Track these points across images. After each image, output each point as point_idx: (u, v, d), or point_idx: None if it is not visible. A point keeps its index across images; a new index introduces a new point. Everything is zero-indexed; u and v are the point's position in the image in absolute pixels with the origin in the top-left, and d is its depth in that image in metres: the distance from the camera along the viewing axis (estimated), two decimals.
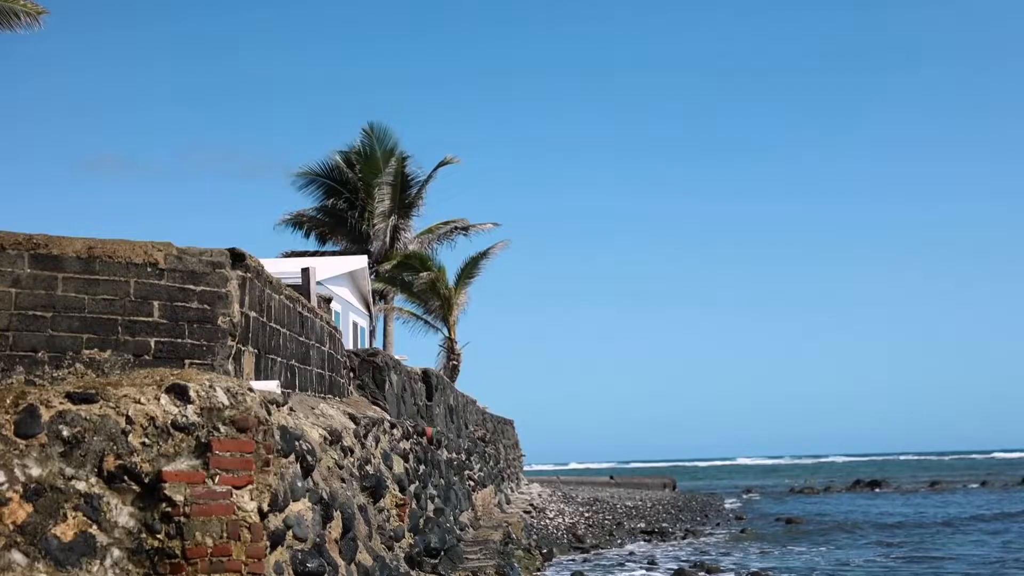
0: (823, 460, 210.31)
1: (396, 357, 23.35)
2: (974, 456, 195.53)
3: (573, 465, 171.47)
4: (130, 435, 7.96)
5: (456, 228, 46.90)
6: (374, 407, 17.79)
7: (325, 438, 11.89)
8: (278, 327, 12.15)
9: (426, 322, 44.96)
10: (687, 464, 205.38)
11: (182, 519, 7.82)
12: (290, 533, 9.06)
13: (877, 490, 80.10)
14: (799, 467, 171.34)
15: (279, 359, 12.18)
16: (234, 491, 8.03)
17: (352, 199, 44.19)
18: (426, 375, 24.93)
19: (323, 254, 42.60)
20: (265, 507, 8.32)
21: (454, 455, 25.88)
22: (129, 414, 8.02)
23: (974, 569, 27.72)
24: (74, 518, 7.65)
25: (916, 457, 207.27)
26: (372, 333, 38.51)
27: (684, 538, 40.50)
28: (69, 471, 7.75)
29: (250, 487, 8.14)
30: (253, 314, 10.90)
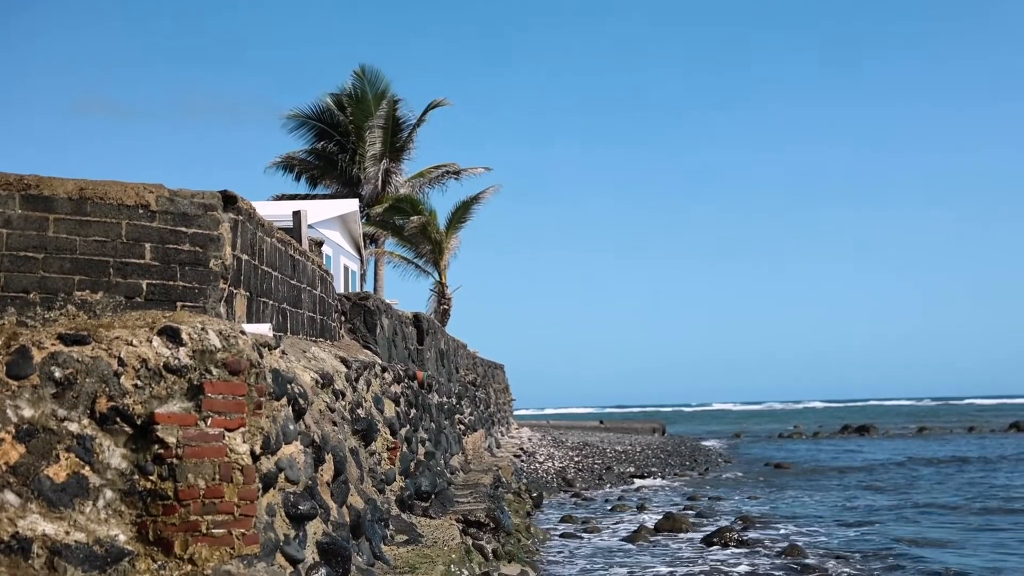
0: (807, 406, 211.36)
1: (387, 301, 23.33)
2: (953, 403, 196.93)
3: (549, 410, 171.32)
4: (122, 377, 7.95)
5: (447, 172, 46.76)
6: (365, 351, 17.80)
7: (317, 381, 11.90)
8: (270, 270, 12.13)
9: (417, 266, 44.95)
10: (665, 409, 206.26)
11: (174, 461, 7.83)
12: (282, 476, 9.08)
13: (865, 435, 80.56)
14: (784, 412, 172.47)
15: (271, 302, 12.17)
16: (226, 433, 8.04)
17: (343, 142, 44.01)
18: (417, 319, 24.94)
19: (314, 197, 42.47)
20: (257, 449, 8.33)
21: (445, 399, 25.95)
22: (121, 356, 8.01)
23: (970, 514, 27.92)
24: (67, 459, 7.66)
25: (894, 403, 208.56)
26: (363, 277, 38.51)
27: (674, 482, 40.78)
28: (61, 412, 7.75)
29: (242, 429, 8.15)
30: (245, 257, 10.87)
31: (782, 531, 24.64)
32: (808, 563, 19.46)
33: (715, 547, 21.94)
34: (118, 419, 7.86)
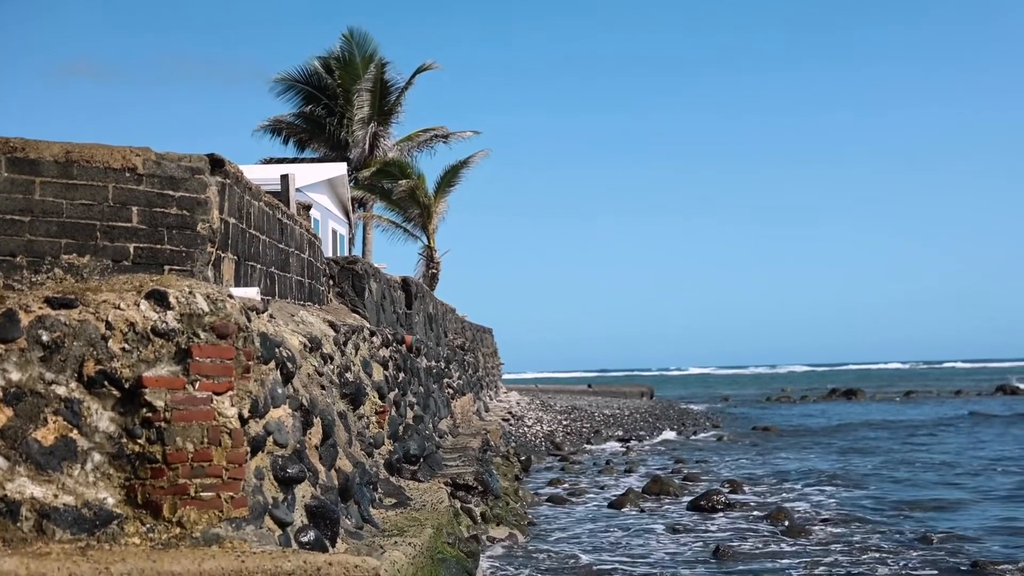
0: (791, 370, 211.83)
1: (375, 265, 23.31)
2: (935, 366, 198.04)
3: (530, 374, 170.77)
4: (110, 341, 7.94)
5: (436, 136, 46.55)
6: (354, 315, 17.79)
7: (305, 345, 11.90)
8: (257, 234, 12.10)
9: (405, 230, 44.82)
10: (647, 373, 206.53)
11: (163, 424, 7.84)
12: (270, 439, 9.09)
13: (853, 399, 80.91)
14: (770, 376, 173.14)
15: (258, 266, 12.14)
16: (214, 397, 8.04)
17: (331, 105, 43.78)
18: (405, 283, 24.92)
19: (302, 161, 42.29)
20: (245, 413, 8.34)
21: (433, 363, 25.98)
22: (109, 319, 7.99)
23: (961, 476, 28.08)
24: (54, 422, 7.66)
25: (877, 367, 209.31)
26: (351, 241, 38.43)
27: (661, 445, 40.95)
28: (49, 376, 7.74)
29: (230, 393, 8.15)
30: (232, 220, 10.84)
31: (769, 494, 24.77)
32: (795, 526, 19.58)
33: (702, 511, 22.06)
34: (106, 382, 7.86)
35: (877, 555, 16.98)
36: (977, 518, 20.85)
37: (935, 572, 15.79)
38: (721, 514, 21.64)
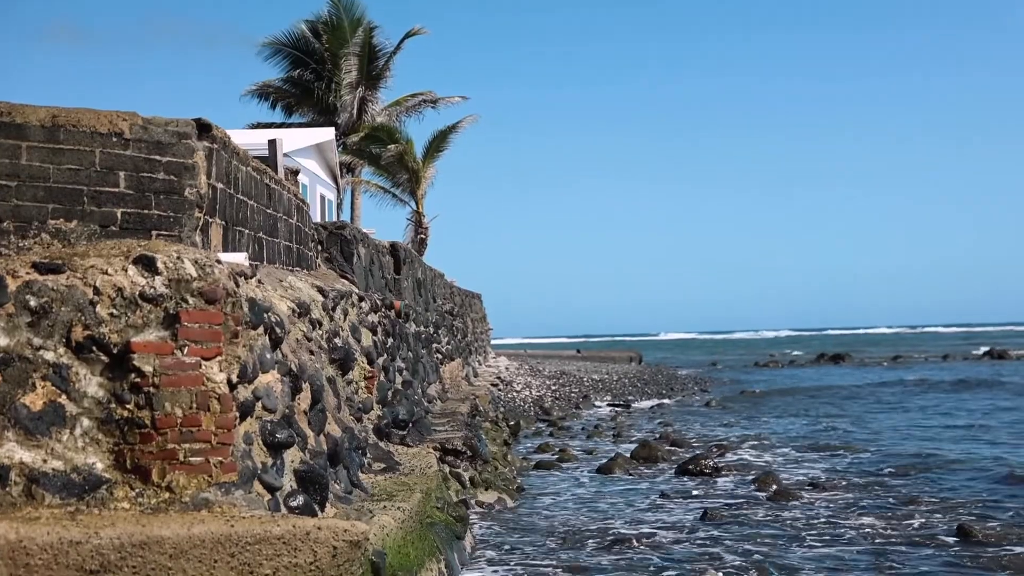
0: (778, 335, 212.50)
1: (364, 230, 23.27)
2: (919, 331, 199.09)
3: (510, 339, 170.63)
4: (98, 306, 7.92)
5: (424, 101, 46.39)
6: (342, 280, 17.78)
7: (293, 310, 11.89)
8: (245, 199, 12.07)
9: (394, 195, 44.76)
10: (631, 339, 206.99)
11: (151, 390, 7.84)
12: (259, 404, 9.10)
13: (841, 364, 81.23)
14: (757, 341, 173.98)
15: (246, 231, 12.12)
16: (203, 362, 8.04)
17: (319, 70, 43.57)
18: (394, 248, 24.88)
19: (290, 126, 42.12)
20: (234, 378, 8.34)
21: (422, 328, 25.99)
22: (96, 285, 7.98)
23: (951, 442, 28.20)
24: (43, 388, 7.65)
25: (859, 331, 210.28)
26: (339, 206, 38.36)
27: (649, 410, 41.06)
28: (37, 341, 7.73)
29: (219, 358, 8.15)
30: (220, 186, 10.81)
31: (757, 459, 24.86)
32: (783, 490, 19.65)
33: (691, 475, 22.14)
34: (94, 348, 7.85)
35: (863, 520, 17.06)
36: (965, 482, 20.93)
37: (921, 537, 15.87)
38: (710, 479, 21.71)
